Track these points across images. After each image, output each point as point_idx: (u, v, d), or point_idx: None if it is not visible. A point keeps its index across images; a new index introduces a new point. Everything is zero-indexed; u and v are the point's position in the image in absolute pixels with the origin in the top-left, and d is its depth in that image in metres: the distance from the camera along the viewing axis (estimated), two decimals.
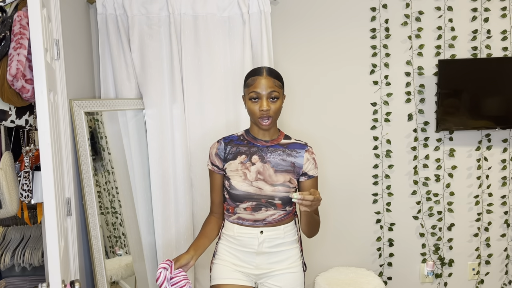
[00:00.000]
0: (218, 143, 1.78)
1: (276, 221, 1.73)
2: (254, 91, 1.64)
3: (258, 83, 1.64)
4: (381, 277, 2.80)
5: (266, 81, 1.64)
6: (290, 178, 1.72)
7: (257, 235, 1.72)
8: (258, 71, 1.68)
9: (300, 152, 1.75)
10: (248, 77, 1.70)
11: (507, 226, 2.83)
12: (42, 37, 1.24)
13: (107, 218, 2.34)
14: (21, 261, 2.29)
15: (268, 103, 1.64)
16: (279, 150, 1.74)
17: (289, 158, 1.73)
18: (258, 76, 1.65)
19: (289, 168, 1.72)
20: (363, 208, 2.78)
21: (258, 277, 1.78)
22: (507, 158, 2.78)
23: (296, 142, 1.78)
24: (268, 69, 1.68)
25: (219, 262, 1.80)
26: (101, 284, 2.15)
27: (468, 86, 2.65)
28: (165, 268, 1.60)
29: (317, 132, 2.70)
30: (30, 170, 1.72)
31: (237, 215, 1.74)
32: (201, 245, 1.76)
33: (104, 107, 2.28)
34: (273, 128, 1.74)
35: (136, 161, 2.44)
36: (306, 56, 2.66)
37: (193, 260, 1.71)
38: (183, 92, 2.43)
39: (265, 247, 1.73)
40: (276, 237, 1.73)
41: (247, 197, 1.70)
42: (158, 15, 2.40)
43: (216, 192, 1.81)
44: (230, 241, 1.78)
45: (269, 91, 1.63)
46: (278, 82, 1.67)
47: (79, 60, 2.17)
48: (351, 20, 2.66)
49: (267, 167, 1.71)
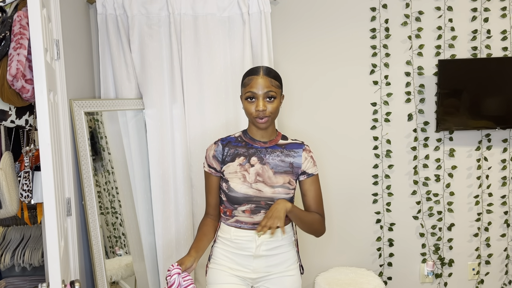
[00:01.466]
0: (215, 144, 1.75)
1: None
2: (250, 90, 1.62)
3: (255, 83, 1.62)
4: (381, 277, 2.80)
5: (262, 81, 1.61)
6: (289, 180, 1.71)
7: (254, 237, 1.70)
8: (254, 71, 1.65)
9: (298, 152, 1.73)
10: (245, 77, 1.67)
11: (507, 226, 2.83)
12: (42, 37, 1.24)
13: (107, 218, 2.34)
14: (21, 261, 2.30)
15: (264, 103, 1.62)
16: (277, 151, 1.72)
17: (288, 159, 1.72)
18: (255, 76, 1.63)
19: (288, 169, 1.71)
20: (363, 208, 2.78)
21: (255, 281, 1.75)
22: (507, 158, 2.78)
23: (293, 142, 1.76)
24: (266, 69, 1.65)
25: (214, 266, 1.76)
26: (101, 284, 2.15)
27: (468, 86, 2.65)
28: (179, 273, 1.57)
29: (317, 132, 2.70)
30: (30, 170, 1.72)
31: (235, 218, 1.72)
32: (202, 246, 1.73)
33: (104, 107, 2.28)
34: (270, 128, 1.72)
35: (136, 161, 2.44)
36: (306, 56, 2.66)
37: (196, 262, 1.68)
38: (183, 92, 2.43)
39: (262, 250, 1.70)
40: (273, 240, 1.71)
41: (246, 199, 1.68)
42: (158, 15, 2.40)
43: (212, 194, 1.78)
44: (226, 244, 1.75)
45: (265, 91, 1.61)
46: (276, 82, 1.64)
47: (79, 60, 2.17)
48: (351, 20, 2.66)
49: (266, 168, 1.70)
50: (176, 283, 1.55)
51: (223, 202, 1.75)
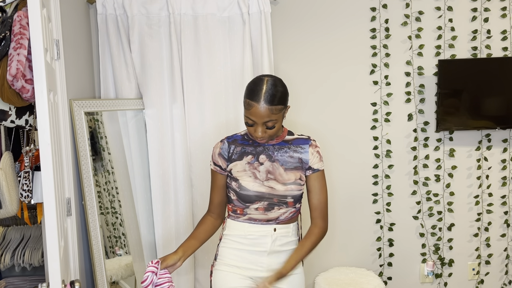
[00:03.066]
0: (221, 142, 1.74)
1: (288, 219, 1.71)
2: (249, 117, 1.57)
3: (254, 111, 1.55)
4: (381, 277, 2.79)
5: (262, 111, 1.54)
6: (300, 175, 1.70)
7: (270, 232, 1.68)
8: (255, 95, 1.55)
9: (305, 147, 1.72)
10: (246, 94, 1.58)
11: (507, 226, 2.83)
12: (42, 37, 1.24)
13: (107, 218, 2.34)
14: (21, 261, 2.29)
15: (263, 130, 1.58)
16: (285, 147, 1.71)
17: (296, 154, 1.70)
18: (255, 104, 1.54)
19: (298, 165, 1.70)
20: (363, 208, 2.78)
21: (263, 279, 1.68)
22: (507, 158, 2.78)
23: (299, 137, 1.74)
24: (268, 96, 1.54)
25: (222, 268, 1.72)
26: (101, 284, 2.15)
27: (468, 86, 2.65)
28: (153, 272, 1.57)
29: (317, 132, 2.70)
30: (30, 170, 1.72)
31: (247, 215, 1.70)
32: (191, 246, 1.71)
33: (104, 107, 2.28)
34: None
35: (136, 161, 2.44)
36: (306, 56, 2.66)
37: (181, 261, 1.66)
38: (183, 92, 2.43)
39: (277, 245, 1.69)
40: (285, 235, 1.71)
41: (259, 197, 1.66)
42: (158, 15, 2.40)
43: (216, 192, 1.76)
44: (236, 242, 1.71)
45: (265, 120, 1.55)
46: (278, 107, 1.56)
47: (79, 60, 2.17)
48: (351, 20, 2.65)
49: (277, 166, 1.68)
50: (148, 280, 1.55)
51: (232, 201, 1.73)
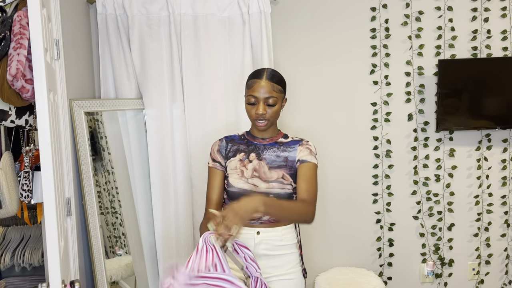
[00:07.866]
0: (220, 140, 1.81)
1: (273, 221, 1.69)
2: (251, 94, 1.66)
3: (257, 87, 1.65)
4: (381, 277, 2.79)
5: (264, 85, 1.64)
6: (283, 174, 1.70)
7: (253, 235, 1.68)
8: (258, 74, 1.68)
9: (294, 147, 1.74)
10: (249, 79, 1.70)
11: (507, 226, 2.83)
12: (42, 37, 1.24)
13: (107, 218, 2.34)
14: (21, 261, 2.30)
15: (264, 107, 1.65)
16: (274, 147, 1.74)
17: (283, 154, 1.73)
18: (258, 80, 1.66)
19: (281, 164, 1.71)
20: (363, 208, 2.78)
21: None
22: (507, 158, 2.78)
23: (293, 139, 1.77)
24: (270, 73, 1.67)
25: None
26: (101, 284, 2.15)
27: (468, 86, 2.65)
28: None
29: (317, 132, 2.70)
30: (30, 170, 1.72)
31: None
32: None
33: (104, 107, 2.28)
34: (271, 128, 1.75)
35: (136, 161, 2.44)
36: (306, 56, 2.66)
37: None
38: (183, 92, 2.43)
39: (262, 249, 1.68)
40: (273, 239, 1.69)
41: (242, 194, 1.67)
42: (158, 15, 2.40)
43: (213, 189, 1.75)
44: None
45: (266, 96, 1.64)
46: (278, 86, 1.66)
47: (79, 60, 2.17)
48: (351, 20, 2.65)
49: (263, 164, 1.72)
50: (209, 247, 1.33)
51: (225, 200, 1.77)
